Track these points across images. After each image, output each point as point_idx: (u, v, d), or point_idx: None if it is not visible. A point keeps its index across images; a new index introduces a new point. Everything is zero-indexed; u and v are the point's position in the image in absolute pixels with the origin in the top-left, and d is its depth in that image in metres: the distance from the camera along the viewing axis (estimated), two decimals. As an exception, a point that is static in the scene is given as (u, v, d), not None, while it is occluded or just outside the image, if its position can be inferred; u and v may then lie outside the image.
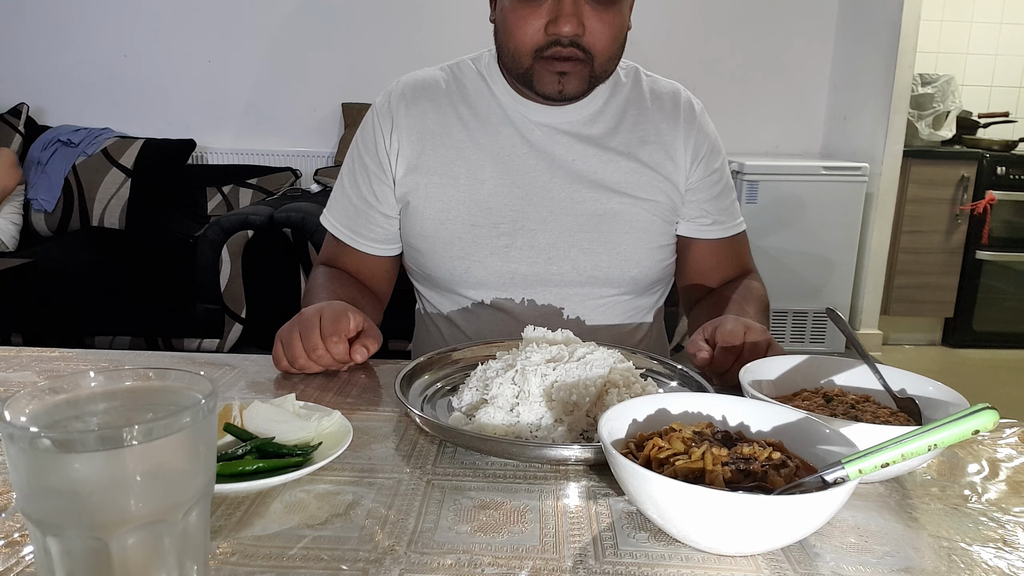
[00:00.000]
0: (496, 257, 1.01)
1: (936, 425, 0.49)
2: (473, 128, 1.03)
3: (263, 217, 2.47)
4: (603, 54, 0.95)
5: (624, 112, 1.05)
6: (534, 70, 0.95)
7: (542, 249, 1.01)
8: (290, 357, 0.83)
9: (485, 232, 1.01)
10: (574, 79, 0.95)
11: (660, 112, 1.06)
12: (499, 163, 1.02)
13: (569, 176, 1.02)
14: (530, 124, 1.03)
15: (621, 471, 0.52)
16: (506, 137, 1.03)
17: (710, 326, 0.84)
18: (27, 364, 0.86)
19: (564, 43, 0.92)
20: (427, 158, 1.03)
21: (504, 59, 0.99)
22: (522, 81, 0.98)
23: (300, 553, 0.51)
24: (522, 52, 0.94)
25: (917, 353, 3.43)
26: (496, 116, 1.04)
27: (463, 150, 1.02)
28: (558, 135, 1.03)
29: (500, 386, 0.70)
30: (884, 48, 3.13)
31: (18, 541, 0.51)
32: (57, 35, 3.29)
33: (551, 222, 1.01)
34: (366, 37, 3.32)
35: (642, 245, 1.03)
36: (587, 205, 1.02)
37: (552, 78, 0.94)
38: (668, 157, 1.05)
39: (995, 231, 3.26)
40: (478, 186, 1.01)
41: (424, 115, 1.04)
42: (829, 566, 0.51)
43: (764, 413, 0.62)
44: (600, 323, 1.06)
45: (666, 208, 1.05)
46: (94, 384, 0.43)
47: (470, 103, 1.05)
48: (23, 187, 2.92)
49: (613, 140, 1.04)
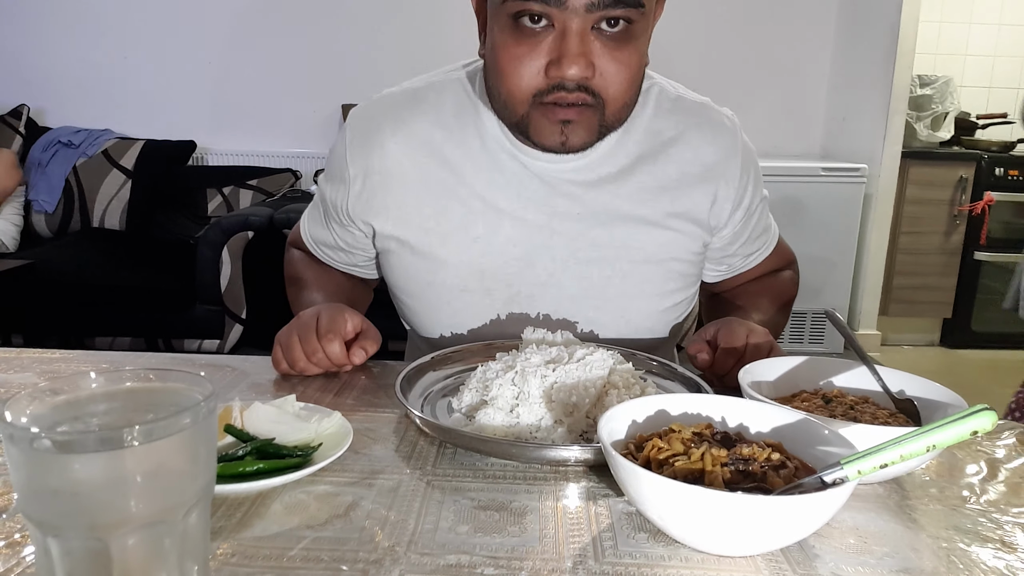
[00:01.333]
0: (488, 326, 0.90)
1: (935, 426, 0.49)
2: (461, 174, 0.87)
3: (263, 218, 2.47)
4: (616, 100, 0.78)
5: (640, 155, 0.88)
6: (531, 118, 0.78)
7: (540, 317, 0.90)
8: (289, 360, 0.82)
9: (477, 299, 0.89)
10: (580, 129, 0.79)
11: (692, 140, 0.89)
12: (492, 216, 0.87)
13: (573, 233, 0.87)
14: (528, 171, 0.87)
15: (621, 472, 0.52)
16: (500, 187, 0.87)
17: (712, 328, 0.84)
18: (28, 365, 0.86)
19: (569, 87, 0.75)
20: (407, 209, 0.88)
21: (495, 105, 0.83)
22: (517, 131, 0.83)
23: (300, 554, 0.51)
24: (517, 99, 0.78)
25: (916, 354, 3.43)
26: (487, 159, 0.87)
27: (449, 200, 0.87)
28: (561, 183, 0.87)
29: (500, 387, 0.70)
30: (883, 49, 3.13)
31: (19, 542, 0.51)
32: (58, 36, 3.30)
33: (551, 287, 0.88)
34: (366, 38, 3.32)
35: (654, 309, 0.91)
36: (593, 268, 0.88)
37: (554, 128, 0.78)
38: (695, 204, 0.89)
39: (993, 232, 3.26)
40: (469, 245, 0.87)
41: (401, 156, 0.88)
42: (828, 567, 0.51)
43: (763, 414, 0.62)
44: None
45: (688, 263, 0.92)
46: (94, 385, 0.43)
47: (457, 140, 0.88)
48: (24, 188, 2.92)
49: (627, 184, 0.87)
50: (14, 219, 2.84)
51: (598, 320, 0.90)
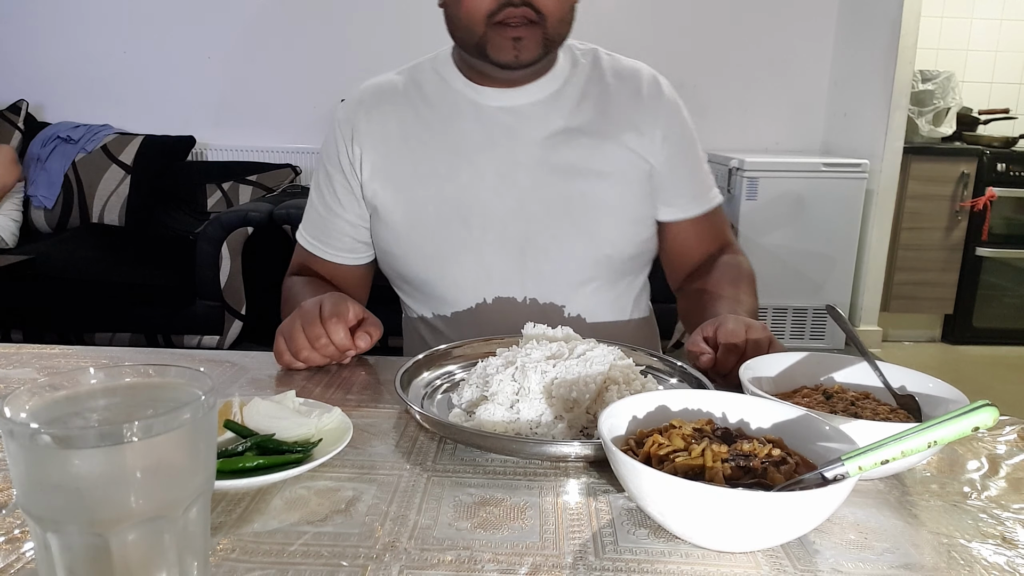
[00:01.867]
0: (469, 252, 1.00)
1: (936, 422, 0.49)
2: (433, 125, 1.02)
3: (263, 214, 2.47)
4: (555, 14, 0.94)
5: (585, 90, 1.04)
6: (488, 38, 0.93)
7: (514, 241, 1.00)
8: (293, 349, 0.83)
9: (456, 229, 1.00)
10: (529, 43, 0.94)
11: (623, 88, 1.05)
12: (463, 157, 1.01)
13: (534, 161, 1.01)
14: (490, 111, 1.02)
15: (621, 468, 0.52)
16: (467, 131, 1.01)
17: (710, 326, 0.84)
18: (27, 361, 0.86)
19: (516, 3, 0.91)
20: (391, 162, 1.02)
21: (457, 34, 0.97)
22: (477, 52, 0.96)
23: (300, 549, 0.51)
24: (474, 20, 0.93)
25: (917, 350, 3.43)
26: (455, 109, 1.02)
27: (426, 149, 1.01)
28: (519, 119, 1.02)
29: (500, 383, 0.70)
30: (884, 45, 3.13)
31: (18, 537, 0.51)
32: (57, 32, 3.29)
33: (520, 212, 1.00)
34: (366, 33, 3.32)
35: (613, 224, 1.02)
36: (554, 190, 1.00)
37: (507, 44, 0.93)
38: (635, 131, 1.03)
39: (995, 228, 3.26)
40: (444, 183, 1.00)
41: (384, 120, 1.03)
42: (829, 563, 0.51)
43: (764, 410, 0.62)
44: (585, 313, 1.05)
45: (636, 180, 1.04)
46: (94, 381, 0.43)
47: (429, 101, 1.03)
48: (23, 184, 2.92)
49: (576, 119, 1.02)
50: (13, 215, 2.84)
51: (564, 236, 1.01)
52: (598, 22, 3.25)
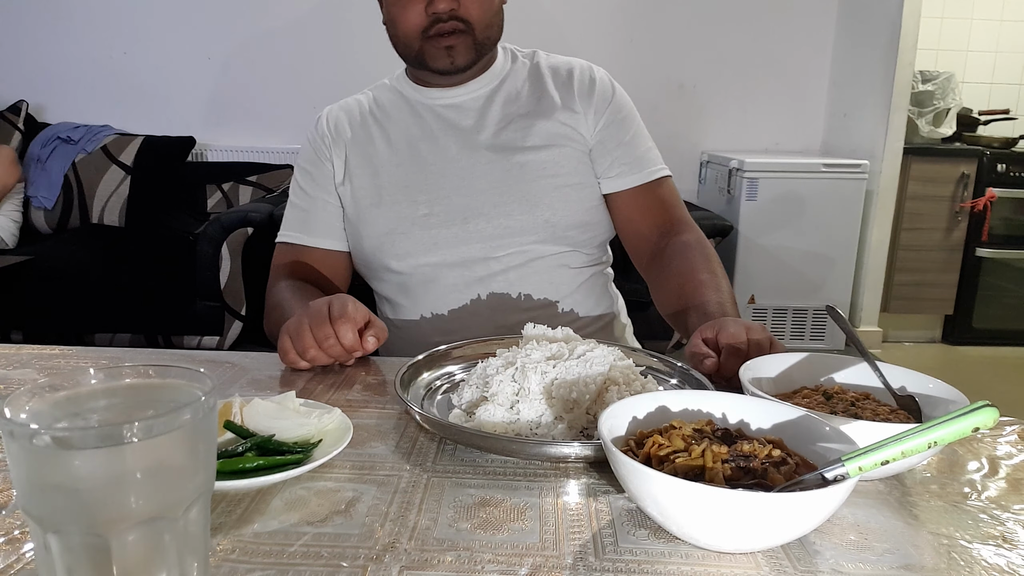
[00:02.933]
0: (417, 227, 1.09)
1: (936, 422, 0.49)
2: (386, 127, 1.15)
3: (263, 214, 2.46)
4: (481, 21, 1.05)
5: (523, 83, 1.16)
6: (424, 50, 1.06)
7: (458, 211, 1.09)
8: (300, 349, 0.82)
9: (405, 207, 1.10)
10: (461, 49, 1.06)
11: (558, 78, 1.16)
12: (412, 149, 1.12)
13: (475, 146, 1.11)
14: (436, 108, 1.14)
15: (621, 468, 0.52)
16: (417, 126, 1.14)
17: (710, 328, 0.83)
18: (27, 361, 0.86)
19: (444, 19, 1.03)
20: (353, 164, 1.14)
21: (398, 48, 1.10)
22: (417, 63, 1.09)
23: (300, 550, 0.51)
24: (410, 36, 1.06)
25: (917, 350, 3.43)
26: (405, 112, 1.15)
27: (379, 147, 1.14)
28: (463, 112, 1.13)
29: (500, 383, 0.70)
30: (884, 45, 3.13)
31: (19, 538, 0.51)
32: (56, 32, 3.29)
33: (463, 187, 1.09)
34: (365, 34, 3.31)
35: (552, 188, 1.09)
36: (494, 166, 1.10)
37: (441, 53, 1.06)
38: (568, 111, 1.13)
39: (995, 228, 3.26)
40: (393, 171, 1.12)
41: (348, 131, 1.16)
42: (829, 563, 0.51)
43: (764, 411, 0.62)
44: (533, 283, 1.08)
45: (573, 151, 1.12)
46: (94, 381, 0.43)
47: (385, 111, 1.17)
48: (23, 184, 2.92)
49: (514, 107, 1.13)
50: (13, 215, 2.84)
51: (505, 203, 1.09)
52: (597, 22, 3.25)
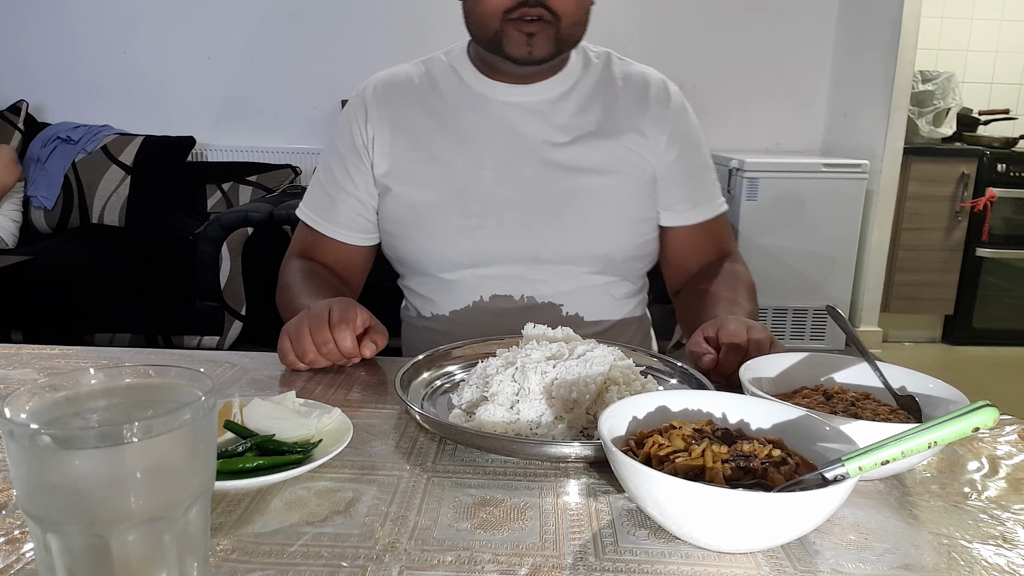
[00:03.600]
0: (465, 237, 1.02)
1: (936, 422, 0.49)
2: (441, 114, 1.05)
3: (263, 214, 2.47)
4: (569, 16, 0.96)
5: (594, 92, 1.06)
6: (503, 32, 0.96)
7: (511, 228, 1.02)
8: (299, 352, 0.83)
9: (454, 213, 1.02)
10: (542, 40, 0.96)
11: (631, 93, 1.07)
12: (467, 146, 1.03)
13: (536, 156, 1.03)
14: (498, 104, 1.04)
15: (621, 468, 0.52)
16: (474, 121, 1.04)
17: (711, 327, 0.84)
18: (27, 361, 0.86)
19: (531, 3, 0.93)
20: (399, 147, 1.05)
21: (472, 27, 1.00)
22: (491, 46, 0.99)
23: (300, 550, 0.51)
24: (490, 15, 0.96)
25: (917, 350, 3.43)
26: (464, 101, 1.05)
27: (433, 137, 1.04)
28: (526, 115, 1.04)
29: (500, 383, 0.70)
30: (884, 45, 3.13)
31: (18, 538, 0.51)
32: (57, 32, 3.29)
33: (518, 202, 1.02)
34: (365, 34, 3.32)
35: (612, 220, 1.03)
36: (554, 184, 1.02)
37: (521, 39, 0.96)
38: (638, 133, 1.05)
39: (995, 228, 3.26)
40: (448, 170, 1.03)
41: (395, 107, 1.06)
42: (829, 563, 0.51)
43: (764, 410, 0.62)
44: (579, 309, 1.05)
45: (638, 180, 1.05)
46: (94, 381, 0.43)
47: (439, 92, 1.06)
48: (23, 184, 2.92)
49: (582, 119, 1.05)
50: (13, 215, 2.84)
51: (561, 227, 1.02)
52: (597, 21, 3.24)
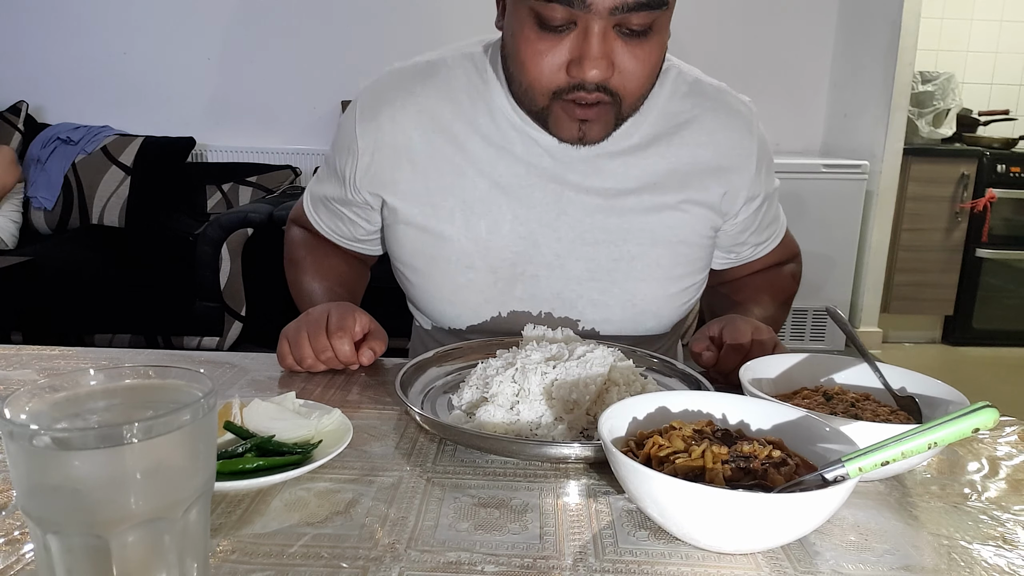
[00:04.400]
0: (491, 305, 0.89)
1: (936, 423, 0.49)
2: (469, 150, 0.87)
3: (263, 215, 2.47)
4: (633, 95, 0.79)
5: (657, 127, 0.88)
6: (551, 112, 0.79)
7: (545, 299, 0.88)
8: (297, 357, 0.82)
9: (480, 276, 0.88)
10: (597, 126, 0.79)
11: (703, 129, 0.88)
12: (499, 194, 0.86)
13: (580, 214, 0.86)
14: (538, 147, 0.86)
15: (621, 469, 0.52)
16: (508, 164, 0.86)
17: (715, 325, 0.83)
18: (27, 362, 0.86)
19: (589, 88, 0.75)
20: (415, 184, 0.88)
21: (514, 90, 0.83)
22: (536, 120, 0.83)
23: (300, 551, 0.51)
24: (537, 91, 0.78)
25: (917, 351, 3.43)
26: (497, 135, 0.86)
27: (456, 179, 0.87)
28: (571, 160, 0.86)
29: (500, 384, 0.70)
30: (884, 46, 3.13)
31: (18, 539, 0.51)
32: (56, 33, 3.29)
33: (557, 268, 0.87)
34: (365, 34, 3.31)
35: (661, 293, 0.89)
36: (600, 249, 0.87)
37: (572, 124, 0.79)
38: (704, 188, 0.88)
39: (995, 229, 3.26)
40: (474, 221, 0.87)
41: (410, 131, 0.87)
42: (829, 564, 0.51)
43: (764, 411, 0.62)
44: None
45: (698, 247, 0.91)
46: (94, 382, 0.43)
47: (466, 116, 0.87)
48: (22, 185, 2.92)
49: (638, 166, 0.87)
50: (13, 216, 2.84)
51: (604, 303, 0.89)
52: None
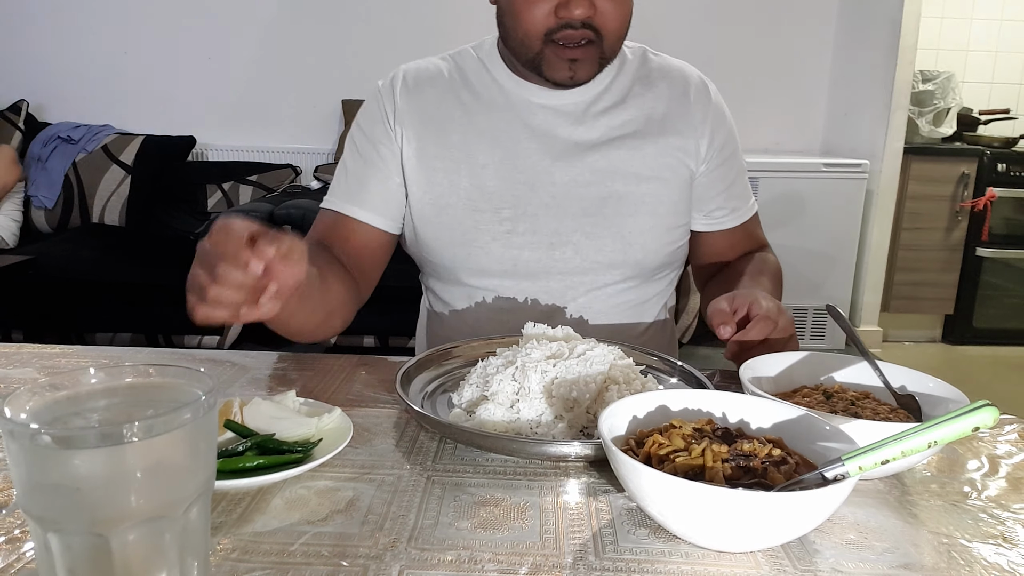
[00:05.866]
0: (498, 243, 0.99)
1: (936, 422, 0.49)
2: (474, 113, 1.02)
3: (263, 214, 2.46)
4: (613, 34, 0.92)
5: (630, 90, 1.03)
6: (544, 55, 0.92)
7: (544, 235, 0.99)
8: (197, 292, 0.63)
9: (486, 218, 0.99)
10: (585, 64, 0.93)
11: (670, 89, 1.04)
12: (500, 148, 1.00)
13: (572, 159, 1.00)
14: (532, 107, 1.01)
15: (621, 468, 0.52)
16: (507, 121, 1.01)
17: (741, 298, 0.81)
18: (27, 361, 0.86)
19: (575, 25, 0.89)
20: (428, 144, 1.01)
21: (510, 43, 0.96)
22: (531, 67, 0.95)
23: (301, 549, 0.51)
24: (531, 36, 0.91)
25: (917, 350, 3.43)
26: (497, 101, 1.02)
27: (464, 136, 1.01)
28: (561, 117, 1.01)
29: (500, 383, 0.70)
30: (884, 45, 3.13)
31: (19, 538, 0.51)
32: (57, 32, 3.29)
33: (554, 207, 0.99)
34: (366, 34, 3.31)
35: (648, 228, 1.01)
36: (591, 189, 0.99)
37: (563, 64, 0.92)
38: (678, 135, 1.02)
39: (995, 228, 3.26)
40: (479, 171, 1.00)
41: (425, 102, 1.02)
42: (829, 563, 0.51)
43: (764, 410, 0.62)
44: (605, 314, 1.03)
45: (675, 186, 1.02)
46: (95, 381, 0.43)
47: (471, 89, 1.03)
48: (23, 184, 2.92)
49: (618, 119, 1.01)
50: (14, 215, 2.84)
51: (597, 235, 1.00)
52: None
